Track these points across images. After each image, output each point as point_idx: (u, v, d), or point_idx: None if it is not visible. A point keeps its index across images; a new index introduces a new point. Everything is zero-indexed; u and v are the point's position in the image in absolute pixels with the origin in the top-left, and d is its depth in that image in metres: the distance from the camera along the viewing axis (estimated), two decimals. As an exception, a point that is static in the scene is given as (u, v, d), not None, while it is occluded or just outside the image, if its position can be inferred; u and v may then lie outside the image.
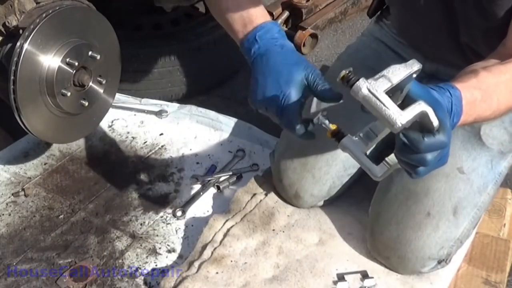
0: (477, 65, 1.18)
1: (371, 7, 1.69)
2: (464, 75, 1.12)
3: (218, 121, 2.05)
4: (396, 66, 0.93)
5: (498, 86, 1.12)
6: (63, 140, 1.83)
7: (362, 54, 1.69)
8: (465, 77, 1.10)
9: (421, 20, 1.44)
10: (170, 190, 1.78)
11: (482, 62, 1.20)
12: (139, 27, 2.44)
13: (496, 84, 1.12)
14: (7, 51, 1.52)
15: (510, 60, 1.16)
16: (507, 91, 1.14)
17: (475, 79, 1.09)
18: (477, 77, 1.10)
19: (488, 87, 1.10)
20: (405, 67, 0.93)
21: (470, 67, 1.18)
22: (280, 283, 1.42)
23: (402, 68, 0.93)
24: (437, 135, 0.95)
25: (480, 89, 1.09)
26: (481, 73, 1.11)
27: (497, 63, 1.17)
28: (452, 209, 1.41)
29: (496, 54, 1.22)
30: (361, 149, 1.04)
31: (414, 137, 0.94)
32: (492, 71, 1.13)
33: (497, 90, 1.12)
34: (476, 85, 1.08)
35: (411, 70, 0.94)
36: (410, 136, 0.94)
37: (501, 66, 1.15)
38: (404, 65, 0.94)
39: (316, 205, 1.64)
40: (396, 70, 0.93)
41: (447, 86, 1.03)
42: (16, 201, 1.72)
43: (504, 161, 1.47)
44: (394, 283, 1.45)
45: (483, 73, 1.11)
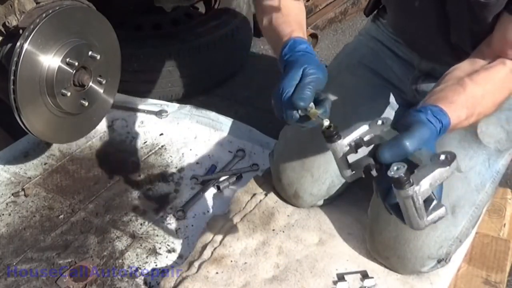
0: (461, 69, 1.20)
1: (368, 6, 1.70)
2: (453, 87, 1.14)
3: (218, 122, 2.05)
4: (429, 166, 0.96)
5: (484, 97, 1.16)
6: (63, 140, 1.83)
7: (359, 53, 1.69)
8: (454, 92, 1.12)
9: (416, 21, 1.44)
10: (170, 190, 1.78)
11: (467, 63, 1.22)
12: (139, 27, 2.45)
13: (482, 96, 1.15)
14: (7, 51, 1.52)
15: (494, 65, 1.20)
16: (491, 101, 1.19)
17: (463, 96, 1.12)
18: (465, 91, 1.13)
19: (474, 101, 1.13)
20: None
21: (454, 72, 1.20)
22: (280, 283, 1.42)
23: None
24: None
25: (467, 107, 1.12)
26: (469, 86, 1.13)
27: (483, 68, 1.19)
28: (450, 208, 1.41)
29: (480, 54, 1.24)
30: (344, 155, 1.07)
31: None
32: (478, 81, 1.15)
33: (482, 102, 1.15)
34: (464, 103, 1.11)
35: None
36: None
37: (486, 73, 1.18)
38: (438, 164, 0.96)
39: (316, 204, 1.64)
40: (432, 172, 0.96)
41: (442, 116, 1.05)
42: (16, 201, 1.72)
43: (501, 159, 1.47)
44: (394, 283, 1.45)
45: (470, 86, 1.14)
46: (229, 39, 2.39)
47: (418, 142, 0.98)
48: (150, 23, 2.46)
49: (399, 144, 0.97)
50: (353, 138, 1.07)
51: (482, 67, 1.20)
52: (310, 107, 1.13)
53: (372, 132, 1.07)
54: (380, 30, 1.67)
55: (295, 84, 1.15)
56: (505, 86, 1.22)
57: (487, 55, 1.23)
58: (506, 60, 1.22)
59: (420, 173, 0.94)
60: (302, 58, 1.21)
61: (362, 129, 1.08)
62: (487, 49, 1.24)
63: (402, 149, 0.96)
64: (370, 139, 1.07)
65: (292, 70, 1.17)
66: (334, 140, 1.06)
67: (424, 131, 0.99)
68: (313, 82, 1.14)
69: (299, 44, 1.24)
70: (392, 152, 0.97)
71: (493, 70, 1.19)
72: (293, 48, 1.24)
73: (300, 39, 1.26)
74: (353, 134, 1.07)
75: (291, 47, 1.24)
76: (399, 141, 0.97)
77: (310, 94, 1.13)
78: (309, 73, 1.15)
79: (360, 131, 1.07)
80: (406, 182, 0.93)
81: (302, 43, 1.24)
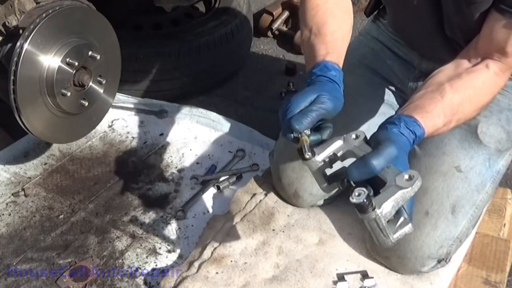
0: (444, 73, 1.21)
1: (368, 6, 1.70)
2: (431, 95, 1.15)
3: (218, 122, 2.05)
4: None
5: (462, 105, 1.17)
6: (63, 140, 1.83)
7: (360, 53, 1.69)
8: (432, 101, 1.13)
9: (414, 17, 1.44)
10: (170, 190, 1.78)
11: (452, 66, 1.23)
12: (139, 27, 2.44)
13: (460, 103, 1.16)
14: (7, 51, 1.52)
15: (478, 68, 1.20)
16: (471, 107, 1.20)
17: (441, 104, 1.13)
18: (443, 99, 1.14)
19: (452, 109, 1.14)
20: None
21: (437, 76, 1.21)
22: (280, 283, 1.42)
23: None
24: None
25: (445, 115, 1.13)
26: (447, 94, 1.14)
27: (466, 72, 1.20)
28: (451, 208, 1.41)
29: (466, 55, 1.25)
30: (320, 170, 1.11)
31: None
32: (458, 88, 1.16)
33: (460, 109, 1.16)
34: (441, 111, 1.12)
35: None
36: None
37: (467, 78, 1.19)
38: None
39: (316, 204, 1.64)
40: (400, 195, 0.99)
41: (415, 128, 1.07)
42: (16, 201, 1.72)
43: (501, 159, 1.47)
44: (394, 283, 1.45)
45: (449, 93, 1.15)
46: (229, 39, 2.39)
47: (385, 161, 1.00)
48: (150, 23, 2.46)
49: (366, 163, 0.99)
50: (327, 154, 1.11)
51: (466, 70, 1.21)
52: (305, 132, 1.12)
53: (345, 148, 1.10)
54: (381, 30, 1.67)
55: (304, 106, 1.13)
56: (487, 91, 1.23)
57: (472, 56, 1.23)
58: (490, 62, 1.22)
59: (382, 196, 0.97)
60: (327, 85, 1.18)
61: (336, 145, 1.11)
62: (473, 50, 1.24)
63: (369, 169, 0.99)
64: (344, 154, 1.10)
65: (308, 91, 1.15)
66: (309, 158, 1.08)
67: (391, 150, 1.01)
68: (318, 112, 1.11)
69: (330, 70, 1.21)
70: (360, 171, 1.00)
71: (475, 74, 1.20)
72: (322, 72, 1.21)
73: (333, 65, 1.22)
74: (327, 151, 1.10)
75: (322, 69, 1.21)
76: (366, 161, 0.99)
77: (309, 121, 1.10)
78: (321, 101, 1.12)
79: (334, 147, 1.10)
80: (368, 207, 0.96)
81: (333, 69, 1.21)
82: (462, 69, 1.22)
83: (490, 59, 1.22)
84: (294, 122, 1.10)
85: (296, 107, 1.13)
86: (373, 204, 0.96)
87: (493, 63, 1.22)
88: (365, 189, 0.96)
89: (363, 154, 1.03)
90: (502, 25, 1.19)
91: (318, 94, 1.13)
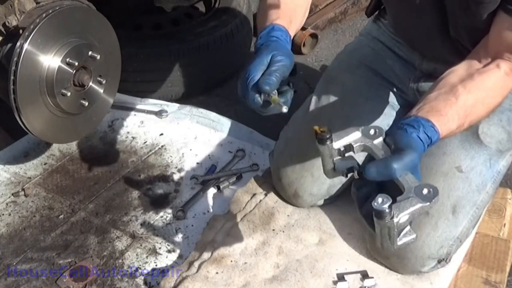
0: (456, 74, 1.20)
1: (369, 6, 1.70)
2: (445, 97, 1.14)
3: (218, 122, 2.05)
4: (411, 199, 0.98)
5: (475, 106, 1.16)
6: (63, 140, 1.83)
7: (360, 53, 1.69)
8: (446, 103, 1.13)
9: (415, 17, 1.44)
10: (170, 190, 1.78)
11: (463, 66, 1.22)
12: (139, 27, 2.44)
13: (473, 105, 1.15)
14: (7, 51, 1.52)
15: (489, 68, 1.20)
16: (484, 108, 1.19)
17: (455, 107, 1.12)
18: (457, 101, 1.13)
19: (466, 111, 1.14)
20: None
21: (449, 77, 1.20)
22: (280, 283, 1.42)
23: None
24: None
25: (459, 118, 1.12)
26: (461, 96, 1.14)
27: (477, 73, 1.19)
28: (451, 208, 1.41)
29: (476, 55, 1.24)
30: (332, 157, 1.09)
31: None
32: (471, 89, 1.16)
33: (473, 111, 1.16)
34: (456, 114, 1.12)
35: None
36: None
37: (479, 78, 1.18)
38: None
39: (316, 204, 1.64)
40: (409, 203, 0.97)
41: (432, 133, 1.06)
42: (16, 201, 1.72)
43: (502, 160, 1.47)
44: (394, 283, 1.45)
45: (463, 95, 1.14)
46: (229, 39, 2.38)
47: (406, 168, 0.99)
48: (150, 23, 2.46)
49: (387, 166, 0.99)
50: (344, 143, 1.09)
51: (477, 70, 1.20)
52: (273, 93, 1.16)
53: (363, 141, 1.09)
54: (381, 30, 1.67)
55: (262, 69, 1.17)
56: (498, 92, 1.22)
57: (483, 56, 1.23)
58: (501, 62, 1.21)
59: (401, 206, 0.96)
60: (273, 44, 1.23)
61: (354, 136, 1.09)
62: (483, 50, 1.24)
63: (389, 172, 0.98)
64: (360, 147, 1.09)
65: (262, 56, 1.19)
66: (325, 143, 1.07)
67: (414, 158, 1.00)
68: (280, 70, 1.16)
69: (275, 31, 1.26)
70: (379, 172, 0.99)
71: (487, 75, 1.19)
72: (268, 34, 1.25)
73: (279, 26, 1.27)
74: (344, 140, 1.09)
75: (268, 32, 1.26)
76: (388, 163, 0.99)
77: (275, 80, 1.15)
78: (277, 60, 1.17)
79: (352, 138, 1.09)
80: (387, 215, 0.95)
81: (278, 30, 1.26)
82: (473, 69, 1.21)
83: (500, 59, 1.21)
84: (263, 84, 1.14)
85: (256, 71, 1.17)
86: (392, 213, 0.95)
87: (504, 63, 1.21)
88: (389, 197, 0.95)
89: (382, 155, 1.03)
90: (509, 26, 1.19)
91: (271, 55, 1.18)
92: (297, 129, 1.65)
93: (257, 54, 1.21)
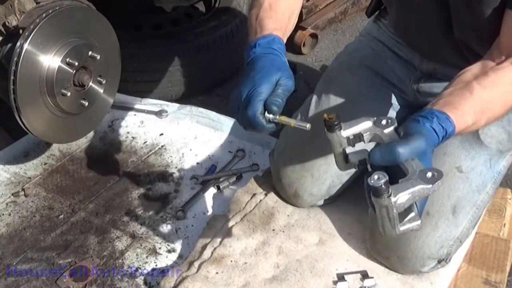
0: (471, 72, 1.19)
1: (370, 6, 1.70)
2: (460, 92, 1.13)
3: (218, 122, 2.05)
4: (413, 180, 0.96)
5: (492, 102, 1.15)
6: (63, 140, 1.83)
7: (360, 53, 1.69)
8: (461, 97, 1.12)
9: (417, 18, 1.44)
10: (170, 190, 1.78)
11: (478, 65, 1.21)
12: (139, 27, 2.45)
13: (489, 100, 1.14)
14: (7, 51, 1.52)
15: (504, 66, 1.18)
16: (501, 104, 1.17)
17: (470, 101, 1.11)
18: (472, 96, 1.11)
19: (481, 106, 1.12)
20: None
21: (464, 75, 1.19)
22: (280, 283, 1.42)
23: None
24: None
25: (474, 113, 1.11)
26: (476, 91, 1.12)
27: (492, 70, 1.18)
28: (451, 208, 1.41)
29: (490, 56, 1.23)
30: (341, 146, 1.08)
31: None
32: (486, 85, 1.14)
33: (490, 107, 1.14)
34: (471, 108, 1.10)
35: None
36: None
37: (494, 75, 1.16)
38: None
39: (316, 204, 1.64)
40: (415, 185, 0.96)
41: (447, 125, 1.05)
42: (16, 201, 1.72)
43: (502, 160, 1.47)
44: (394, 283, 1.45)
45: (478, 90, 1.12)
46: (229, 39, 2.39)
47: (412, 153, 0.98)
48: (150, 23, 2.46)
49: (391, 150, 0.98)
50: (354, 132, 1.08)
51: (491, 68, 1.19)
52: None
53: (373, 130, 1.07)
54: (382, 30, 1.67)
55: (271, 89, 1.15)
56: None
57: (497, 56, 1.21)
58: None
59: (401, 186, 0.95)
60: (277, 60, 1.21)
61: (364, 125, 1.08)
62: (496, 51, 1.22)
63: (393, 156, 0.97)
64: (370, 136, 1.07)
65: (271, 73, 1.17)
66: (334, 130, 1.06)
67: (421, 144, 0.99)
68: (285, 94, 1.16)
69: (276, 43, 1.24)
70: (383, 156, 0.98)
71: (502, 72, 1.17)
72: (269, 44, 1.24)
73: (279, 39, 1.26)
74: (354, 128, 1.07)
75: (268, 42, 1.24)
76: (392, 147, 0.98)
77: (282, 103, 1.15)
78: (284, 83, 1.16)
79: (362, 127, 1.07)
80: (384, 192, 0.94)
81: (279, 42, 1.25)
82: (488, 68, 1.20)
83: None
84: (271, 105, 1.13)
85: (265, 89, 1.15)
86: (390, 191, 0.93)
87: None
88: (385, 174, 0.94)
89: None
90: None
91: (280, 76, 1.17)
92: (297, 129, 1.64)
93: (261, 66, 1.19)
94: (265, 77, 1.16)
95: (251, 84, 1.16)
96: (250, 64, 1.23)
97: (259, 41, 1.24)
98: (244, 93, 1.16)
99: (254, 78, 1.17)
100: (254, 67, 1.20)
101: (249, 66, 1.23)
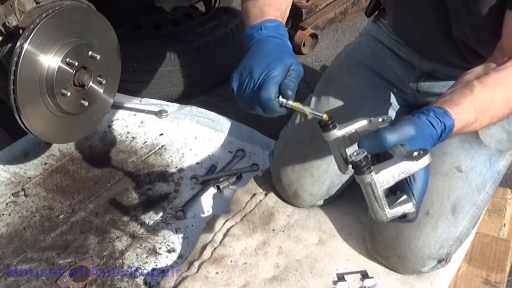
0: (473, 73, 1.18)
1: (369, 7, 1.70)
2: (460, 90, 1.13)
3: (218, 122, 2.05)
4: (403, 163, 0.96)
5: (494, 100, 1.13)
6: (63, 140, 1.83)
7: (360, 53, 1.69)
8: (461, 95, 1.11)
9: (415, 18, 1.44)
10: (170, 190, 1.78)
11: (480, 67, 1.20)
12: (139, 27, 2.44)
13: (491, 99, 1.13)
14: (7, 51, 1.52)
15: (506, 66, 1.17)
16: (504, 103, 1.16)
17: (470, 97, 1.10)
18: (473, 93, 1.11)
19: (483, 104, 1.11)
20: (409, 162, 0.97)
21: (466, 76, 1.18)
22: (280, 283, 1.42)
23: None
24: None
25: (475, 110, 1.10)
26: (476, 89, 1.11)
27: (494, 70, 1.17)
28: (451, 208, 1.41)
29: (493, 58, 1.22)
30: (338, 145, 1.09)
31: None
32: (487, 84, 1.13)
33: (492, 105, 1.13)
34: (471, 105, 1.10)
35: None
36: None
37: (496, 75, 1.16)
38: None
39: (316, 204, 1.64)
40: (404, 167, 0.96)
41: (445, 118, 1.04)
42: (16, 201, 1.72)
43: (502, 160, 1.47)
44: (394, 283, 1.45)
45: (479, 88, 1.12)
46: (229, 39, 2.39)
47: (399, 138, 0.98)
48: (150, 23, 2.46)
49: (378, 136, 0.98)
50: (349, 130, 1.08)
51: (493, 69, 1.18)
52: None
53: (369, 127, 1.08)
54: (381, 30, 1.67)
55: (284, 72, 1.15)
56: None
57: (499, 58, 1.20)
58: None
59: (384, 164, 0.95)
60: (286, 46, 1.21)
61: (359, 124, 1.09)
62: (499, 53, 1.22)
63: (380, 141, 0.97)
64: (364, 133, 1.08)
65: (285, 57, 1.16)
66: (329, 130, 1.07)
67: (408, 129, 0.99)
68: (297, 79, 1.16)
69: (281, 29, 1.24)
70: (371, 143, 0.99)
71: (504, 71, 1.16)
72: (276, 29, 1.23)
73: (283, 25, 1.26)
74: (350, 127, 1.08)
75: (274, 27, 1.23)
76: (379, 133, 0.98)
77: (295, 88, 1.14)
78: (296, 69, 1.16)
79: (357, 125, 1.08)
80: (365, 168, 0.94)
81: (283, 29, 1.25)
82: (490, 69, 1.19)
83: None
84: (286, 88, 1.12)
85: (279, 73, 1.14)
86: (371, 167, 0.94)
87: None
88: (365, 151, 0.94)
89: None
90: None
91: (292, 61, 1.16)
92: (297, 129, 1.65)
93: (272, 49, 1.18)
94: (279, 60, 1.15)
95: (264, 66, 1.14)
96: (257, 44, 1.21)
97: (264, 24, 1.23)
98: (256, 74, 1.15)
99: (267, 60, 1.15)
100: (263, 48, 1.19)
101: (256, 46, 1.21)
